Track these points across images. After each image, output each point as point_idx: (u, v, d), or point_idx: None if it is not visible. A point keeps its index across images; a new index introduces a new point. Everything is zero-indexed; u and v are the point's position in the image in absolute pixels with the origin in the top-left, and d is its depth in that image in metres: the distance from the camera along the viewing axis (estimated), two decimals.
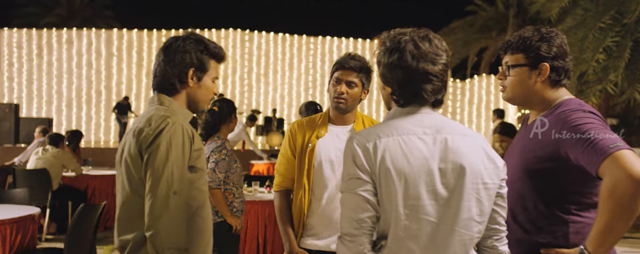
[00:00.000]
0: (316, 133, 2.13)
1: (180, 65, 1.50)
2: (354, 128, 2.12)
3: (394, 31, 1.31)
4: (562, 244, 1.43)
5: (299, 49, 16.07)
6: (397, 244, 1.21)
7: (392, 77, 1.27)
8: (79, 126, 15.05)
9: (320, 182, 2.10)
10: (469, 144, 1.27)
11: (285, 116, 15.55)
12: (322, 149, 2.10)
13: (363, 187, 1.21)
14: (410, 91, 1.27)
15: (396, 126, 1.25)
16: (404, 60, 1.25)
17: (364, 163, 1.21)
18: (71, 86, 15.26)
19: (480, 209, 1.25)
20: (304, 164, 2.11)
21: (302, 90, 16.06)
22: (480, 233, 1.27)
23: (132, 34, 15.46)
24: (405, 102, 1.29)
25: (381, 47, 1.30)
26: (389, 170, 1.20)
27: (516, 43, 1.53)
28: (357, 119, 2.16)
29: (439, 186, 1.22)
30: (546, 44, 1.50)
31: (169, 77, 1.51)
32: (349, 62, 2.08)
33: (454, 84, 16.33)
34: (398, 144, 1.22)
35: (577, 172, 1.40)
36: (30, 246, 3.31)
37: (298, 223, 2.12)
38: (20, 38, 15.14)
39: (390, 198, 1.20)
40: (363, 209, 1.20)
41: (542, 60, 1.50)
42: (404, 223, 1.20)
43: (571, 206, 1.44)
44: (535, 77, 1.51)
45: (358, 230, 1.20)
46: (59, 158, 5.44)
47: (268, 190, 4.47)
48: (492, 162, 1.28)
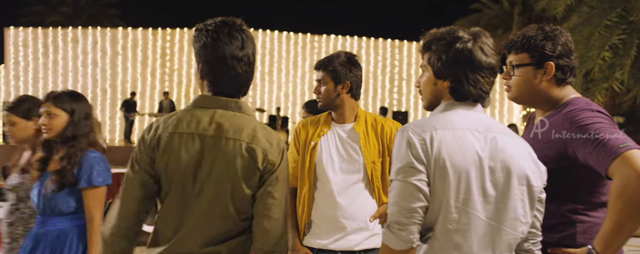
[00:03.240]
0: (318, 131, 2.15)
1: (253, 63, 1.44)
2: (354, 127, 2.13)
3: (447, 28, 1.34)
4: (570, 244, 1.43)
5: (304, 48, 16.07)
6: (445, 237, 1.22)
7: (457, 71, 1.28)
8: None
9: (322, 180, 2.11)
10: (516, 146, 1.29)
11: (289, 114, 15.56)
12: (323, 147, 2.12)
13: (417, 176, 1.21)
14: (472, 86, 1.28)
15: (450, 120, 1.27)
16: (474, 55, 1.27)
17: (420, 153, 1.21)
18: (76, 84, 15.34)
19: (525, 211, 1.27)
20: (306, 162, 2.13)
21: (307, 88, 16.06)
22: (524, 234, 1.29)
23: (137, 33, 15.51)
24: (463, 98, 1.30)
25: (446, 41, 1.30)
26: (444, 162, 1.21)
27: (520, 42, 1.53)
28: (359, 117, 2.17)
29: (488, 183, 1.23)
30: (551, 43, 1.49)
31: (247, 79, 1.42)
32: (317, 64, 2.15)
33: None
34: (453, 137, 1.23)
35: (585, 171, 1.40)
36: None
37: (301, 221, 2.13)
38: (26, 37, 15.23)
39: (442, 190, 1.21)
40: (416, 199, 1.20)
41: (547, 59, 1.50)
42: (453, 216, 1.21)
43: (579, 206, 1.44)
44: (540, 76, 1.51)
45: (408, 219, 1.20)
46: None
47: None
48: (536, 165, 1.30)
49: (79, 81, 15.33)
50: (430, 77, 1.34)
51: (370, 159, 2.09)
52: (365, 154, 2.08)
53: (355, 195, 2.09)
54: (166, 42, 15.58)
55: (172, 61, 15.62)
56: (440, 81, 1.32)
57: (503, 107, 16.31)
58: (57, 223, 2.12)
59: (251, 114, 1.45)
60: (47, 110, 2.16)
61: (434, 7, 19.38)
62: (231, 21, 1.43)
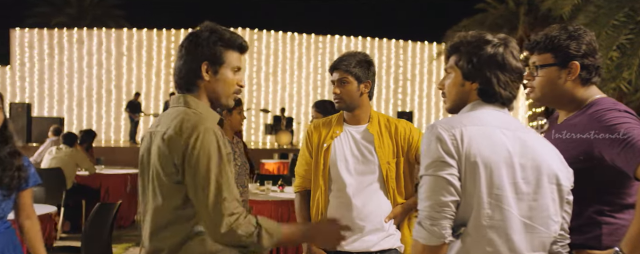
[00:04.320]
0: (331, 133, 2.14)
1: (194, 60, 1.44)
2: (368, 128, 2.12)
3: (475, 31, 1.36)
4: (595, 246, 1.41)
5: (308, 48, 16.07)
6: (478, 232, 1.22)
7: (488, 73, 1.30)
8: (89, 125, 15.17)
9: (337, 182, 2.10)
10: (545, 146, 1.31)
11: (294, 114, 15.56)
12: (337, 148, 2.11)
13: (448, 170, 1.21)
14: (503, 88, 1.30)
15: (479, 118, 1.28)
16: (506, 58, 1.30)
17: (451, 148, 1.22)
18: (82, 85, 15.39)
19: (556, 210, 1.27)
20: (319, 164, 2.12)
21: (311, 89, 16.06)
22: (556, 233, 1.28)
23: (142, 34, 15.55)
24: (491, 99, 1.32)
25: (477, 43, 1.32)
26: (475, 157, 1.21)
27: (543, 42, 1.52)
28: (372, 118, 2.15)
29: (519, 180, 1.24)
30: (575, 42, 1.48)
31: (185, 74, 1.45)
32: (336, 63, 2.11)
33: None
34: (483, 134, 1.24)
35: (611, 172, 1.39)
36: (47, 244, 3.33)
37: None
38: (31, 38, 15.28)
39: (474, 185, 1.21)
40: (448, 192, 1.20)
41: (571, 58, 1.48)
42: (487, 211, 1.21)
43: (604, 207, 1.43)
44: (565, 76, 1.50)
45: (440, 214, 1.20)
46: (72, 157, 5.48)
47: (280, 189, 4.47)
48: (565, 166, 1.31)
49: (84, 81, 15.38)
50: (458, 79, 1.35)
51: (385, 160, 2.08)
52: (380, 154, 2.08)
53: (370, 196, 2.08)
54: (171, 43, 15.60)
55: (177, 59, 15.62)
56: (469, 83, 1.33)
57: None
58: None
59: (193, 106, 1.45)
60: None
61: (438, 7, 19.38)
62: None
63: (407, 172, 2.14)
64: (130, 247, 5.05)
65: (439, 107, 16.30)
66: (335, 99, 2.12)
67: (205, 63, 1.44)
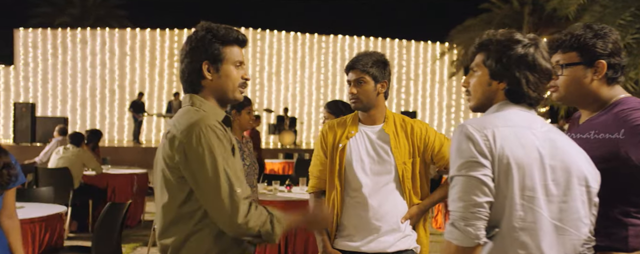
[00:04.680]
0: (346, 133, 2.13)
1: (195, 61, 1.46)
2: (384, 128, 2.11)
3: (504, 30, 1.34)
4: (621, 248, 1.40)
5: (311, 48, 16.07)
6: (511, 234, 1.21)
7: (517, 73, 1.29)
8: (93, 124, 15.19)
9: (353, 182, 2.09)
10: (573, 148, 1.29)
11: (297, 114, 15.56)
12: (353, 149, 2.10)
13: (482, 171, 1.19)
14: (531, 89, 1.29)
15: (509, 118, 1.27)
16: (536, 59, 1.28)
17: (484, 148, 1.20)
18: (85, 85, 15.40)
19: (585, 212, 1.26)
20: (335, 164, 2.11)
21: (314, 89, 16.06)
22: (586, 236, 1.27)
23: (145, 34, 15.56)
24: (519, 100, 1.30)
25: (506, 43, 1.30)
26: (508, 158, 1.20)
27: (568, 41, 1.50)
28: (387, 118, 2.14)
29: (550, 182, 1.22)
30: (601, 41, 1.46)
31: (188, 76, 1.48)
32: (353, 63, 2.10)
33: None
34: (514, 134, 1.23)
35: (638, 173, 1.38)
36: (57, 244, 3.35)
37: (331, 223, 2.11)
38: (35, 38, 15.30)
39: (506, 187, 1.20)
40: (482, 193, 1.19)
41: (598, 57, 1.47)
42: (519, 213, 1.20)
43: (631, 209, 1.41)
44: (591, 75, 1.48)
45: (474, 215, 1.18)
46: (79, 157, 5.49)
47: (288, 189, 4.47)
48: (593, 167, 1.30)
49: (87, 81, 15.39)
50: (485, 78, 1.33)
51: (401, 160, 2.07)
52: (396, 155, 2.07)
53: (386, 196, 2.07)
54: (174, 43, 15.61)
55: (179, 62, 15.63)
56: (496, 82, 1.32)
57: None
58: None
59: (197, 105, 1.47)
60: None
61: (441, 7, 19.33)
62: None
63: (422, 173, 2.13)
64: (138, 247, 5.04)
65: (442, 107, 16.28)
66: (352, 99, 2.11)
67: (206, 63, 1.47)
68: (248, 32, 15.75)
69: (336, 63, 16.09)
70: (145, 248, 4.94)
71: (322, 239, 2.10)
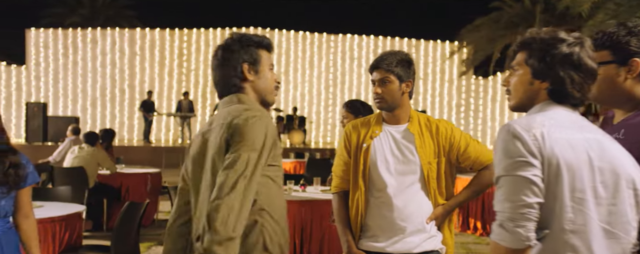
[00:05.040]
0: (370, 133, 2.12)
1: (235, 64, 1.53)
2: (409, 128, 2.09)
3: (548, 28, 1.32)
4: None
5: (320, 47, 16.07)
6: (561, 237, 1.19)
7: (562, 72, 1.26)
8: (103, 124, 15.28)
9: (377, 182, 2.08)
10: (619, 149, 1.27)
11: (306, 114, 15.56)
12: (377, 149, 2.08)
13: (532, 171, 1.17)
14: (576, 90, 1.27)
15: (555, 119, 1.25)
16: (582, 58, 1.26)
17: (533, 148, 1.18)
18: (95, 85, 15.50)
19: (633, 215, 1.24)
20: (359, 164, 2.10)
21: (323, 88, 16.05)
22: (634, 240, 1.25)
23: (155, 33, 15.63)
24: (563, 100, 1.28)
25: (551, 41, 1.28)
26: (558, 159, 1.18)
27: (601, 39, 1.47)
28: (412, 118, 2.13)
29: (598, 184, 1.20)
30: (635, 39, 1.43)
31: (230, 78, 1.53)
32: (377, 62, 2.09)
33: (476, 81, 16.15)
34: (563, 135, 1.21)
35: None
36: (77, 243, 3.37)
37: (355, 224, 2.10)
38: (46, 38, 15.42)
39: (557, 188, 1.18)
40: (532, 193, 1.16)
41: (632, 55, 1.44)
42: (569, 215, 1.18)
43: None
44: (624, 74, 1.45)
45: (524, 215, 1.16)
46: (94, 156, 5.52)
47: (302, 189, 4.46)
48: (639, 169, 1.27)
49: (97, 81, 15.49)
50: (526, 77, 1.31)
51: (426, 160, 2.05)
52: (421, 154, 2.05)
53: (411, 197, 2.06)
54: (183, 42, 15.67)
55: (188, 61, 15.71)
56: (538, 82, 1.29)
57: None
58: (1, 227, 2.05)
59: (246, 102, 1.53)
60: None
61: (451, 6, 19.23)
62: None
63: (448, 173, 2.12)
64: (152, 246, 5.06)
65: (452, 106, 16.21)
66: (376, 99, 2.09)
67: (245, 64, 1.54)
68: (257, 31, 15.78)
69: (345, 62, 16.07)
70: (160, 247, 4.96)
71: (347, 240, 2.09)
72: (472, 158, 2.10)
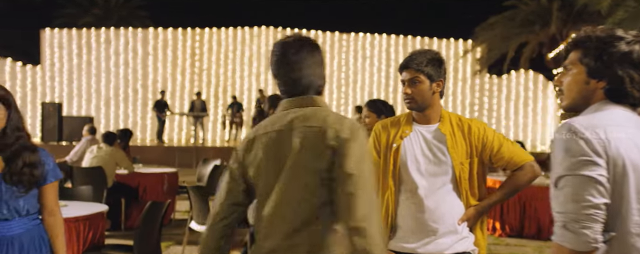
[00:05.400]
0: (400, 133, 2.09)
1: (323, 65, 1.57)
2: (440, 128, 2.06)
3: (604, 26, 1.29)
4: None
5: (331, 46, 16.02)
6: (628, 240, 1.16)
7: (620, 71, 1.23)
8: (116, 123, 15.39)
9: (407, 183, 2.05)
10: None
11: None
12: (407, 149, 2.05)
13: (597, 170, 1.14)
14: (636, 89, 1.23)
15: (615, 119, 1.21)
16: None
17: (597, 147, 1.15)
18: (109, 84, 15.61)
19: None
20: (389, 165, 2.07)
21: (335, 87, 16.01)
22: None
23: (167, 33, 15.70)
24: (621, 99, 1.25)
25: (607, 40, 1.25)
26: (623, 159, 1.15)
27: None
28: (443, 117, 2.10)
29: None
30: None
31: (316, 78, 1.54)
32: (406, 62, 2.05)
33: (490, 80, 16.00)
34: (627, 136, 1.18)
35: None
36: (100, 242, 3.38)
37: (385, 224, 2.07)
38: (61, 38, 15.55)
39: (622, 190, 1.15)
40: (598, 193, 1.13)
41: None
42: (636, 218, 1.15)
43: None
44: None
45: (590, 216, 1.13)
46: (113, 156, 5.54)
47: None
48: None
49: (111, 81, 15.59)
50: (581, 76, 1.28)
51: (458, 161, 2.02)
52: (453, 155, 2.01)
53: (442, 197, 2.03)
54: (195, 42, 15.72)
55: (201, 61, 15.76)
56: (594, 81, 1.26)
57: (537, 106, 15.96)
58: (23, 225, 2.01)
59: (326, 106, 1.56)
60: None
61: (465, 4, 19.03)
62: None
63: (480, 173, 2.08)
64: (171, 245, 5.07)
65: (466, 105, 16.08)
66: (406, 100, 2.06)
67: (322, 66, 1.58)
68: (269, 30, 15.79)
69: (357, 61, 16.02)
70: (178, 247, 4.96)
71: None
72: (506, 159, 2.06)
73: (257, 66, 15.81)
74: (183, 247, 4.63)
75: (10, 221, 1.96)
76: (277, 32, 15.80)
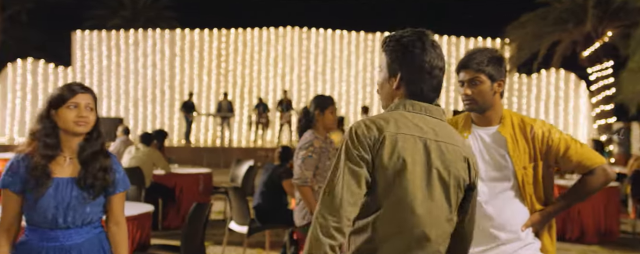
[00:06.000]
0: None
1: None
2: (500, 130, 1.97)
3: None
4: None
5: (357, 46, 15.95)
6: None
7: None
8: (144, 124, 15.61)
9: None
10: None
11: (343, 113, 15.46)
12: None
13: None
14: None
15: None
16: None
17: None
18: (137, 86, 15.84)
19: None
20: None
21: (360, 88, 15.93)
22: None
23: (194, 34, 15.85)
24: None
25: None
26: None
27: None
28: (504, 118, 2.01)
29: None
30: None
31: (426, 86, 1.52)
32: (465, 62, 1.96)
33: (519, 79, 15.69)
34: None
35: None
36: (146, 242, 3.40)
37: None
38: (91, 40, 15.85)
39: None
40: None
41: None
42: None
43: None
44: None
45: None
46: (150, 157, 5.60)
47: None
48: None
49: (139, 82, 15.82)
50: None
51: (520, 165, 1.93)
52: (514, 159, 1.93)
53: (505, 204, 1.95)
54: (222, 43, 15.84)
55: (227, 62, 15.87)
56: None
57: (568, 105, 15.58)
58: (84, 234, 1.95)
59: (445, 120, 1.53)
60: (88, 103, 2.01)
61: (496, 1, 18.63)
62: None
63: (546, 177, 2.00)
64: (209, 246, 5.09)
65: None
66: (466, 101, 1.97)
67: None
68: (294, 31, 15.80)
69: None
70: (215, 247, 4.98)
71: None
72: (574, 162, 1.96)
73: (283, 67, 15.84)
74: (223, 247, 4.64)
75: (70, 230, 1.90)
76: (302, 32, 15.80)
